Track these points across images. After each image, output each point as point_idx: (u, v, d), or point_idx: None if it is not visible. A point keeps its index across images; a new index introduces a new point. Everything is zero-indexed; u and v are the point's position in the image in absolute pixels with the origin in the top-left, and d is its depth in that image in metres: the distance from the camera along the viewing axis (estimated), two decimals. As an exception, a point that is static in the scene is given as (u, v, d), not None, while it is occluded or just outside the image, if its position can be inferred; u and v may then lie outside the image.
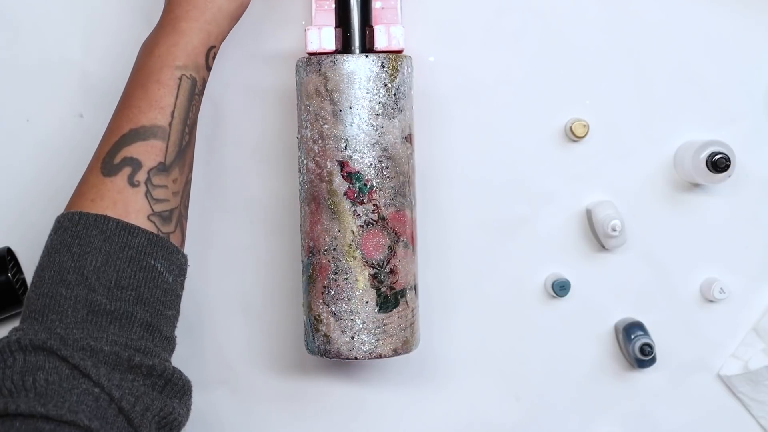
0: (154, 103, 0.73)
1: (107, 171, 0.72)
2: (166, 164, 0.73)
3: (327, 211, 0.76)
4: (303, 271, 0.80)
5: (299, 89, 0.78)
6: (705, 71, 0.89)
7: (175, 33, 0.75)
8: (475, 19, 0.88)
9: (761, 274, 0.91)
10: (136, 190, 0.72)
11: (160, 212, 0.72)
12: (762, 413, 0.91)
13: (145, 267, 0.71)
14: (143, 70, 0.75)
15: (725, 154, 0.84)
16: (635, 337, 0.87)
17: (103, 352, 0.67)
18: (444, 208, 0.89)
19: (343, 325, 0.77)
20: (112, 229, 0.70)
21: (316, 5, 0.81)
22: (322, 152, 0.76)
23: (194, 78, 0.75)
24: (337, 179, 0.76)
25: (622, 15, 0.88)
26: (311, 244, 0.78)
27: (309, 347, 0.80)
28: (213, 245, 0.89)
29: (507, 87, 0.88)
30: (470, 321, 0.90)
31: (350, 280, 0.76)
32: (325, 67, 0.76)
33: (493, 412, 0.91)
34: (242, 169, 0.88)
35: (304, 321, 0.80)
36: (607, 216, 0.86)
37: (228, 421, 0.90)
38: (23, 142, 0.88)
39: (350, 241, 0.76)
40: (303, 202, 0.79)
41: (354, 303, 0.76)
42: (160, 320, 0.71)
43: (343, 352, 0.77)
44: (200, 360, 0.89)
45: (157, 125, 0.73)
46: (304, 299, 0.80)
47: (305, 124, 0.77)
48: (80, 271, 0.69)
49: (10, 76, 0.88)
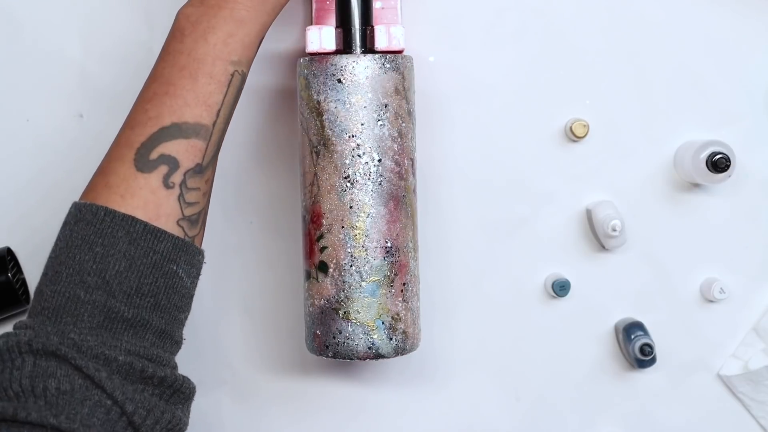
0: (202, 99, 0.68)
1: (142, 166, 0.67)
2: (203, 166, 0.69)
3: (404, 210, 0.78)
4: (370, 273, 0.77)
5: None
6: (705, 71, 0.89)
7: (233, 20, 0.69)
8: (475, 19, 0.88)
9: (761, 274, 0.91)
10: (170, 192, 0.68)
11: (189, 216, 0.69)
12: (762, 413, 0.91)
13: (167, 273, 0.68)
14: (192, 55, 0.69)
15: (725, 154, 0.84)
16: (635, 337, 0.87)
17: (117, 362, 0.65)
18: (444, 208, 0.89)
19: (417, 320, 0.80)
20: (140, 232, 0.66)
21: (316, 5, 0.81)
22: (401, 150, 0.77)
23: (245, 74, 0.71)
24: (411, 177, 0.78)
25: (623, 15, 0.88)
26: (389, 243, 0.77)
27: (383, 350, 0.77)
28: (213, 245, 0.89)
29: (507, 87, 0.88)
30: (470, 321, 0.90)
31: (417, 276, 0.80)
32: (402, 66, 0.77)
33: (493, 412, 0.91)
34: (242, 169, 0.88)
35: (371, 323, 0.77)
36: (607, 216, 0.86)
37: (228, 421, 0.90)
38: (23, 142, 0.88)
39: (417, 238, 0.80)
40: (377, 201, 0.76)
41: (419, 298, 0.81)
42: (173, 326, 0.69)
43: (416, 345, 0.80)
44: (200, 360, 0.89)
45: (202, 124, 0.68)
46: (369, 301, 0.77)
47: (383, 121, 0.77)
48: (101, 274, 0.65)
49: (10, 76, 0.88)
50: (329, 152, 0.76)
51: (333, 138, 0.76)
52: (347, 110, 0.76)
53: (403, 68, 0.77)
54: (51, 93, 0.88)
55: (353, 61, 0.75)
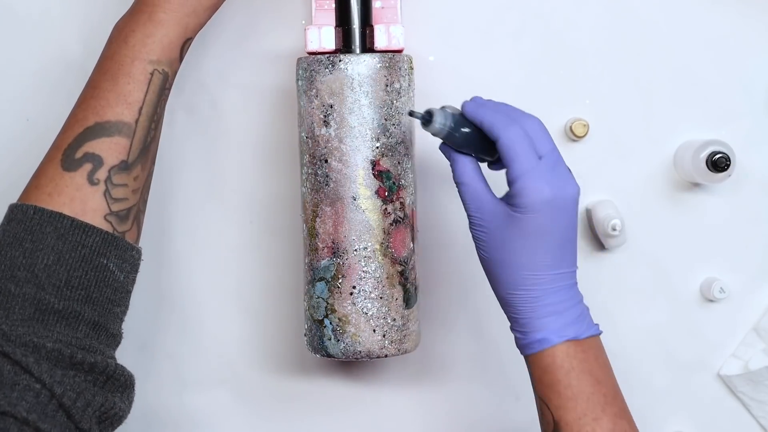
0: (122, 98, 0.71)
1: (67, 165, 0.71)
2: (128, 162, 0.72)
3: (356, 211, 0.76)
4: (318, 273, 0.78)
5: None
6: (705, 71, 0.89)
7: (152, 23, 0.72)
8: (475, 19, 0.88)
9: (761, 273, 0.91)
10: (95, 188, 0.70)
11: (117, 212, 0.71)
12: (762, 413, 0.91)
13: (97, 266, 0.70)
14: (114, 58, 0.73)
15: (725, 153, 0.84)
16: (605, 215, 0.86)
17: (45, 349, 0.66)
18: (444, 208, 0.89)
19: (374, 324, 0.77)
20: (67, 227, 0.69)
21: (316, 5, 0.82)
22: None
23: (166, 73, 0.73)
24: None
25: (622, 15, 0.88)
26: (334, 244, 0.77)
27: (331, 350, 0.78)
28: (213, 245, 0.89)
29: (507, 87, 0.88)
30: (470, 321, 0.90)
31: (381, 278, 0.77)
32: (402, 66, 0.77)
33: (493, 412, 0.91)
34: (242, 169, 0.88)
35: (318, 324, 0.78)
36: (607, 216, 0.86)
37: (228, 421, 0.90)
38: (23, 142, 0.88)
39: (382, 240, 0.77)
40: (321, 202, 0.77)
41: (384, 301, 0.77)
42: (107, 319, 0.71)
43: (374, 352, 0.77)
44: (200, 360, 0.89)
45: (123, 122, 0.71)
46: (320, 302, 0.78)
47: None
48: (31, 268, 0.68)
49: (10, 76, 0.88)
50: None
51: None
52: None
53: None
54: (51, 93, 0.88)
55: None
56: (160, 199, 0.87)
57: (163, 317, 0.89)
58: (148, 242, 0.85)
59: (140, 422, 0.89)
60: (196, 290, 0.89)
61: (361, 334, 0.77)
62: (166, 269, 0.89)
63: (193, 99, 0.88)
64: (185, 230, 0.89)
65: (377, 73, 0.76)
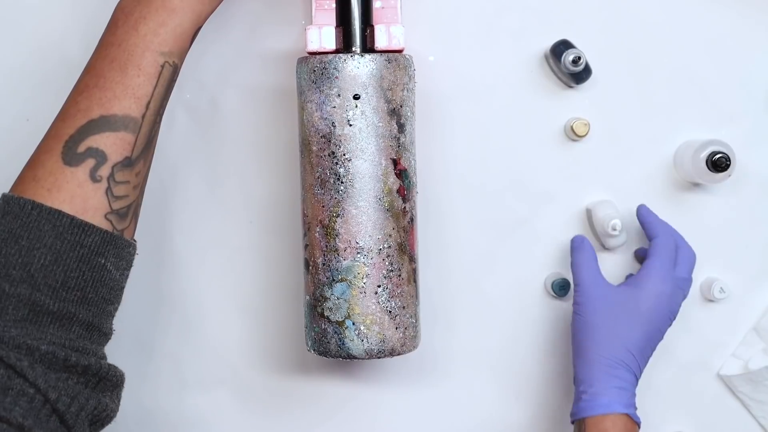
0: (130, 92, 0.68)
1: (68, 159, 0.67)
2: (132, 159, 0.69)
3: (383, 211, 0.76)
4: (338, 274, 0.77)
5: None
6: (705, 71, 0.89)
7: (165, 10, 0.69)
8: (474, 19, 0.88)
9: (761, 273, 0.91)
10: (97, 186, 0.68)
11: (118, 210, 0.69)
12: (762, 413, 0.91)
13: (95, 266, 0.67)
14: (122, 46, 0.69)
15: (725, 153, 0.84)
16: (566, 53, 0.85)
17: (39, 351, 0.65)
18: (444, 208, 0.89)
19: (397, 321, 0.77)
20: (66, 226, 0.66)
21: (316, 5, 0.81)
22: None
23: (176, 65, 0.70)
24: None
25: (622, 15, 0.88)
26: (359, 244, 0.76)
27: (354, 351, 0.77)
28: (213, 245, 0.89)
29: (507, 87, 0.88)
30: (470, 321, 0.90)
31: (403, 277, 0.78)
32: (402, 66, 0.77)
33: (493, 412, 0.91)
34: (242, 169, 0.88)
35: (337, 326, 0.77)
36: (607, 215, 0.86)
37: (228, 421, 0.90)
38: (23, 142, 0.88)
39: (402, 238, 0.77)
40: (343, 201, 0.76)
41: (404, 299, 0.78)
42: (101, 318, 0.69)
43: (396, 349, 0.77)
44: (200, 360, 0.89)
45: (130, 116, 0.68)
46: (341, 303, 0.77)
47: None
48: (26, 268, 0.65)
49: (10, 76, 0.88)
50: (313, 150, 0.77)
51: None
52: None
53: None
54: (51, 93, 0.88)
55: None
56: (161, 199, 0.87)
57: (163, 317, 0.89)
58: (148, 242, 0.85)
59: (140, 422, 0.89)
60: (196, 290, 0.89)
61: (385, 332, 0.77)
62: (166, 269, 0.89)
63: (193, 99, 0.87)
64: (185, 230, 0.89)
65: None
